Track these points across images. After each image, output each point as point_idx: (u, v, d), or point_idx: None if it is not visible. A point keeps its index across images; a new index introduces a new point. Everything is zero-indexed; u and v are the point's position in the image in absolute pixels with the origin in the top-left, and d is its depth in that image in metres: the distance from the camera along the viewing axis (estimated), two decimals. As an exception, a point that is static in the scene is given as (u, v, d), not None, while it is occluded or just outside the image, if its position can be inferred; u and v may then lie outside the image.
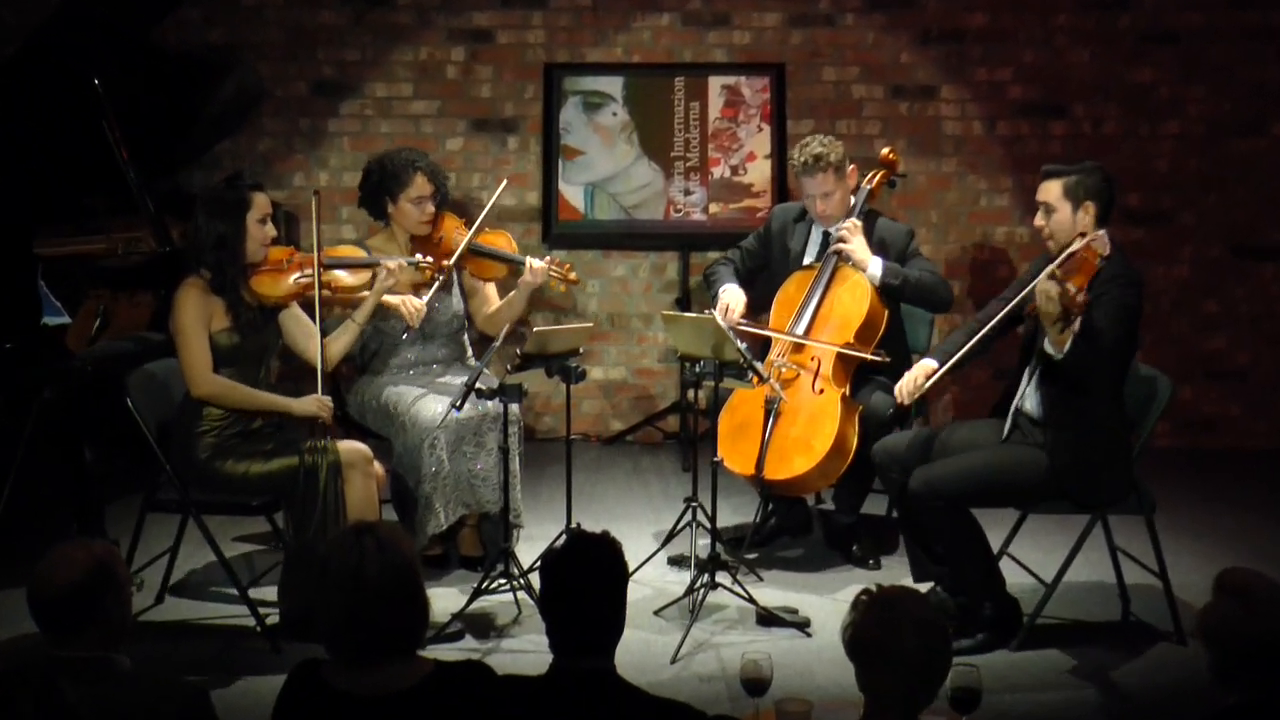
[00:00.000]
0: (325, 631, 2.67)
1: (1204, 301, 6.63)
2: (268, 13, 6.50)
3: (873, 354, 4.82)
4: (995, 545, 4.53)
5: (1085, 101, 6.53)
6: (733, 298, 5.04)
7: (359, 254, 4.82)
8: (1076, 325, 4.00)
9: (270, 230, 4.44)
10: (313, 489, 4.29)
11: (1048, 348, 4.15)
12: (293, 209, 6.02)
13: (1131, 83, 6.53)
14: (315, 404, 4.43)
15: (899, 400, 4.51)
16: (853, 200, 5.06)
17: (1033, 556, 4.82)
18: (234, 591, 4.44)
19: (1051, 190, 4.31)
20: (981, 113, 6.56)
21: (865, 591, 2.62)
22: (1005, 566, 4.55)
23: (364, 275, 4.65)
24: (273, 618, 4.37)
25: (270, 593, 4.46)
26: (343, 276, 4.64)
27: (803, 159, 4.95)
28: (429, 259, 4.76)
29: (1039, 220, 4.36)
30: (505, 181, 5.13)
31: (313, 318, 4.51)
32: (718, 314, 4.76)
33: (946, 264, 6.52)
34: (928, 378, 4.47)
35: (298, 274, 4.49)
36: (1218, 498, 5.88)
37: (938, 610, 2.84)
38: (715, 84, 6.45)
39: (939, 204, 6.60)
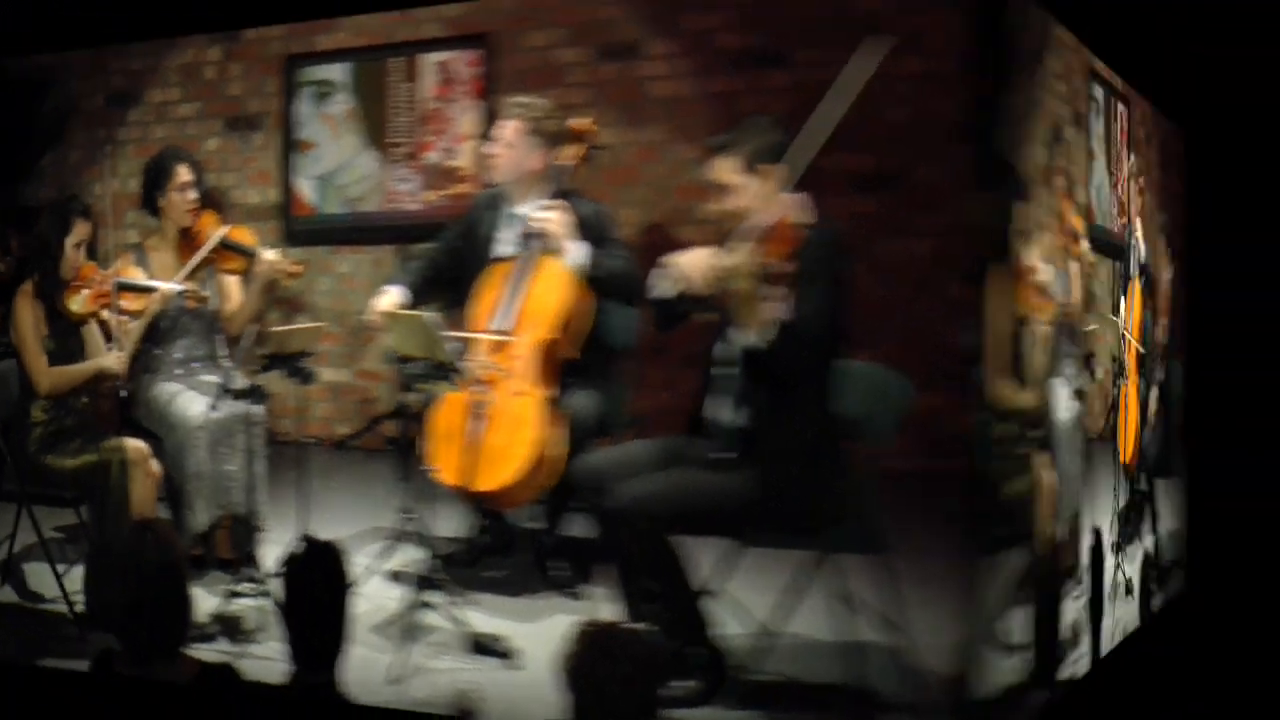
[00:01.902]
0: (112, 624, 3.21)
1: (953, 284, 5.75)
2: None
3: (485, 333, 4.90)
4: (711, 581, 4.26)
5: (810, 46, 5.88)
6: (388, 298, 5.17)
7: (141, 276, 5.54)
8: (775, 305, 3.84)
9: (83, 257, 5.29)
10: (105, 484, 4.95)
11: (744, 338, 3.97)
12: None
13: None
14: (114, 359, 5.19)
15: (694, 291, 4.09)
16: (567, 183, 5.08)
17: (752, 598, 4.52)
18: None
19: (722, 167, 4.06)
20: (690, 68, 6.14)
21: (589, 623, 2.90)
22: (722, 607, 4.30)
23: (144, 300, 5.39)
24: (81, 606, 4.93)
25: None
26: (129, 298, 5.39)
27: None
28: (192, 289, 5.48)
29: (715, 206, 4.08)
30: (227, 228, 5.57)
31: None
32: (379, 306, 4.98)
33: (655, 247, 6.20)
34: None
35: (95, 291, 5.32)
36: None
37: (655, 652, 3.00)
38: (428, 62, 6.54)
39: (646, 178, 6.26)
